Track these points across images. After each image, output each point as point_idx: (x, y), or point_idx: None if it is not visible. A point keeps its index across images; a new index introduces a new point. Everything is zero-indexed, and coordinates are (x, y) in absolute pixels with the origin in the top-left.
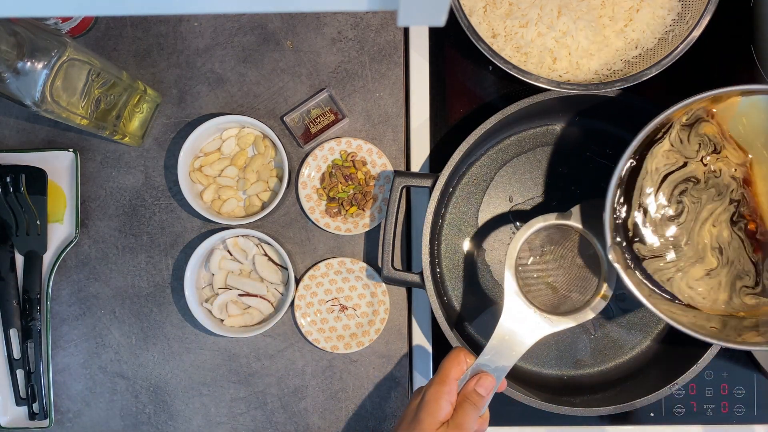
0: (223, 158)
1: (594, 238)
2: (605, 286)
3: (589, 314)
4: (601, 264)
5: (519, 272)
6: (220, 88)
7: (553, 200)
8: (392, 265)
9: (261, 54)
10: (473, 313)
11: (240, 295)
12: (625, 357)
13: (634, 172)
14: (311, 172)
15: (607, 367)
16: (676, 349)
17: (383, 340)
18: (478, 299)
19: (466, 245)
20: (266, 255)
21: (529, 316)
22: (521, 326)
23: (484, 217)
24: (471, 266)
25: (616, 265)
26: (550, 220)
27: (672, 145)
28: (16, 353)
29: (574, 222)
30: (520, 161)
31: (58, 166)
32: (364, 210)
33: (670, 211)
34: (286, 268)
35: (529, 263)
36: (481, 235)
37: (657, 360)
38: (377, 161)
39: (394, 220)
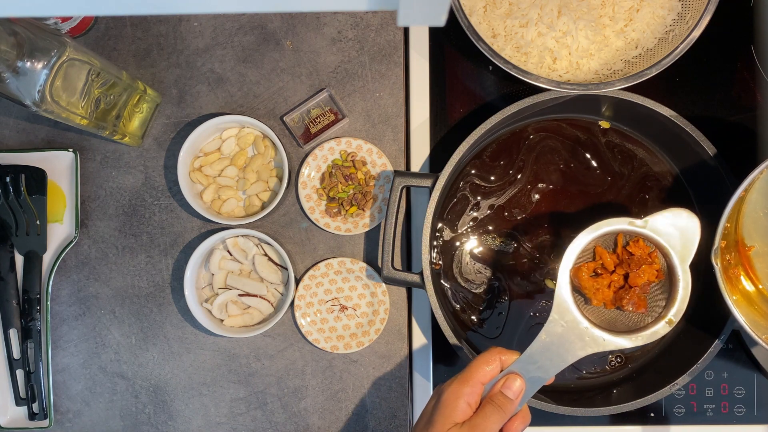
0: (223, 158)
1: (672, 253)
2: (674, 309)
3: (648, 338)
4: (675, 283)
5: (572, 279)
6: (220, 88)
7: None
8: (392, 265)
9: (261, 54)
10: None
11: (240, 295)
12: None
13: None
14: (311, 172)
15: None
16: (675, 349)
17: (383, 340)
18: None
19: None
20: (266, 255)
21: (578, 328)
22: (568, 339)
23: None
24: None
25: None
26: (622, 224)
27: None
28: (16, 353)
29: (650, 232)
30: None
31: (58, 166)
32: (364, 210)
33: None
34: (286, 268)
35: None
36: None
37: (657, 360)
38: (377, 161)
39: (394, 220)
